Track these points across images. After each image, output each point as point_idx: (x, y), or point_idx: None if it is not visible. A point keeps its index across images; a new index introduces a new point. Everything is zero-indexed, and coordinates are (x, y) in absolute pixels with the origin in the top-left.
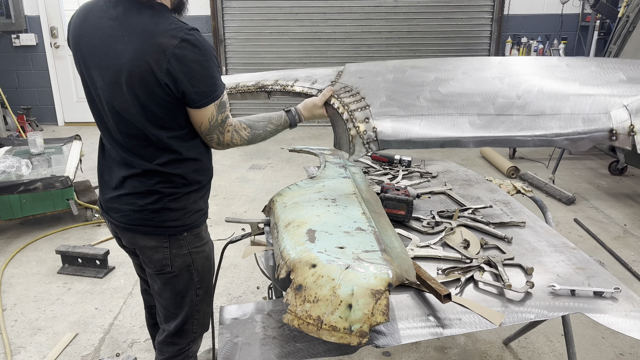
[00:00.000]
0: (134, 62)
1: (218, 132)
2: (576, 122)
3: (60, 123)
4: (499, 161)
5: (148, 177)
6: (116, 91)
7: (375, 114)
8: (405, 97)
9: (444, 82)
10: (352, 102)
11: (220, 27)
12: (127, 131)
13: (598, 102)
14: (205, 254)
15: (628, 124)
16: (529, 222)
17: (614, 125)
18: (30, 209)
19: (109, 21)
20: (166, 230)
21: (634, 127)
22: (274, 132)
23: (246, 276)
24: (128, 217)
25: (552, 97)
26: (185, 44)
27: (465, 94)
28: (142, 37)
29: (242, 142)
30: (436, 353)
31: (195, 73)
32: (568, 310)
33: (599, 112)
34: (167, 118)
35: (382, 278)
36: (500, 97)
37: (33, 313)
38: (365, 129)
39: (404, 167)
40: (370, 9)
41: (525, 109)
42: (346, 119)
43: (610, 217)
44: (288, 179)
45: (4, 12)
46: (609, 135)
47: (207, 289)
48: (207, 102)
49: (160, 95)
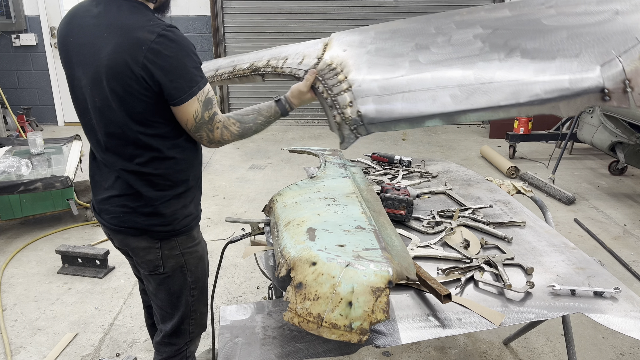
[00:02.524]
0: (112, 56)
1: (207, 130)
2: (562, 83)
3: (60, 123)
4: (499, 161)
5: (132, 179)
6: (97, 87)
7: (357, 96)
8: (385, 72)
9: (423, 49)
10: (335, 84)
11: (220, 27)
12: (107, 130)
13: (587, 56)
14: (199, 254)
15: (622, 78)
16: (529, 222)
17: (605, 82)
18: (30, 209)
19: (91, 19)
20: (157, 234)
21: (630, 81)
22: (265, 123)
23: (246, 276)
24: (118, 218)
25: (536, 57)
26: (162, 39)
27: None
28: (120, 32)
29: (233, 137)
30: (436, 353)
31: (173, 67)
32: (568, 310)
33: (587, 69)
34: (146, 114)
35: (382, 275)
36: (480, 64)
37: (33, 313)
38: (350, 114)
39: (404, 167)
40: (370, 9)
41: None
42: (330, 105)
43: (610, 217)
44: (288, 179)
45: (4, 12)
46: (601, 94)
47: (202, 289)
48: (187, 97)
49: (137, 89)
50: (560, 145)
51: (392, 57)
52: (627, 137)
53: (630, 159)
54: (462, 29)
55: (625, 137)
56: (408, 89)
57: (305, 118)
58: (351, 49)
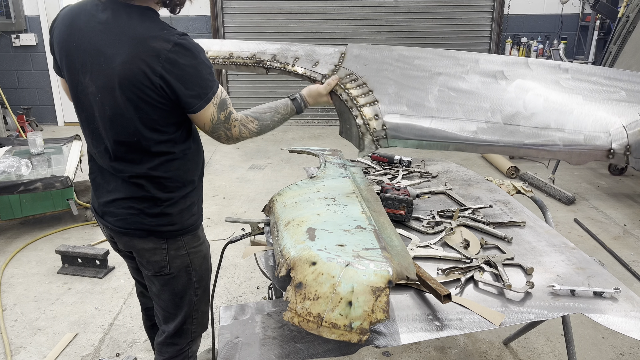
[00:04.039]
0: (127, 66)
1: (224, 129)
2: (578, 137)
3: (60, 123)
4: (499, 161)
5: (142, 182)
6: (108, 96)
7: (384, 111)
8: (414, 95)
9: (451, 80)
10: (360, 96)
11: (220, 27)
12: (118, 138)
13: (599, 120)
14: (203, 254)
15: (625, 144)
16: (529, 222)
17: (613, 144)
18: (30, 209)
19: (97, 25)
20: (164, 234)
21: (630, 147)
22: (281, 120)
23: (246, 276)
24: (125, 220)
25: (556, 110)
26: (178, 47)
27: (473, 96)
28: (134, 41)
29: (252, 134)
30: (436, 353)
31: (189, 76)
32: (568, 310)
33: (599, 130)
34: (160, 120)
35: (382, 275)
36: (507, 105)
37: (33, 313)
38: (375, 127)
39: (404, 167)
40: (370, 9)
41: (531, 120)
42: (355, 115)
43: (610, 217)
44: (288, 179)
45: (4, 12)
46: (607, 153)
47: (205, 289)
48: (203, 103)
49: (155, 98)
50: None
51: (420, 81)
52: None
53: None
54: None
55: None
56: (437, 115)
57: (305, 118)
58: (373, 65)
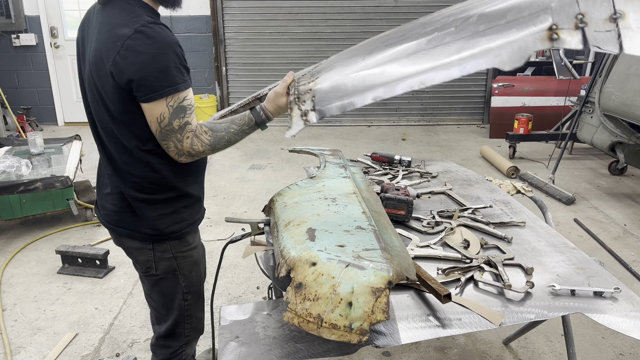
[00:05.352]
0: (94, 53)
1: (175, 140)
2: (510, 30)
3: (60, 123)
4: (499, 161)
5: (121, 177)
6: (89, 85)
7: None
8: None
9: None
10: (305, 83)
11: (220, 27)
12: (101, 126)
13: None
14: (193, 259)
15: (575, 12)
16: (529, 222)
17: (554, 18)
18: (30, 209)
19: (96, 16)
20: (144, 236)
21: (583, 16)
22: (238, 133)
23: (246, 276)
24: (109, 216)
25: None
26: (139, 35)
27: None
28: (104, 29)
29: (204, 147)
30: (436, 353)
31: (144, 64)
32: (568, 310)
33: (538, 10)
34: (124, 113)
35: (382, 276)
36: (429, 25)
37: (33, 313)
38: (304, 99)
39: (404, 167)
40: (370, 9)
41: (459, 34)
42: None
43: (610, 217)
44: (288, 179)
45: (4, 12)
46: (549, 34)
47: (197, 295)
48: (155, 96)
49: (111, 85)
50: (560, 145)
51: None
52: (627, 137)
53: (630, 159)
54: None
55: (625, 137)
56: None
57: None
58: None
